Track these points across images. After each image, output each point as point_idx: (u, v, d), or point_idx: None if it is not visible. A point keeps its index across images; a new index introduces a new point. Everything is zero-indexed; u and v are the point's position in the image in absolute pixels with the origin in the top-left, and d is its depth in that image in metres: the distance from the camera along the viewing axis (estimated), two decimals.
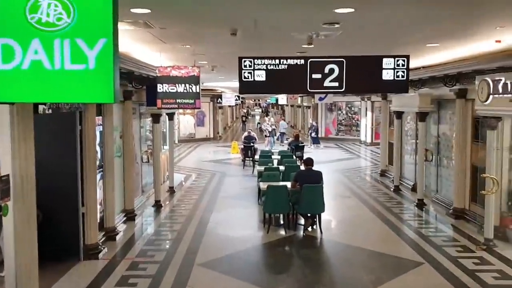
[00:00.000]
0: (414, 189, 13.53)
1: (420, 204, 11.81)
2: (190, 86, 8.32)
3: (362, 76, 5.84)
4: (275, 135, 23.88)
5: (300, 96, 35.61)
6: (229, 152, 23.50)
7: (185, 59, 9.29)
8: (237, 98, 39.31)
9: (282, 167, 12.57)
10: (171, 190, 13.70)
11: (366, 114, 27.51)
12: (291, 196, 9.63)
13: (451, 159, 11.45)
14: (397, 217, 10.89)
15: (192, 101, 8.43)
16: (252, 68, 5.71)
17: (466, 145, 10.46)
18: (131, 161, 10.65)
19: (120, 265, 7.74)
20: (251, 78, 5.72)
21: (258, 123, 43.17)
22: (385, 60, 5.81)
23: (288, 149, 18.63)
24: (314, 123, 26.74)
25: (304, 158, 9.97)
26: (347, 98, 29.57)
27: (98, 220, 8.72)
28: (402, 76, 5.81)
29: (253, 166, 17.46)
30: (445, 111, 11.83)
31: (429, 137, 12.54)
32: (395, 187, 13.80)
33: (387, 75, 5.80)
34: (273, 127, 23.96)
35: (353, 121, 30.44)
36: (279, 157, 15.04)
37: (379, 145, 25.67)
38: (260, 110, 78.79)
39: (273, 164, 13.50)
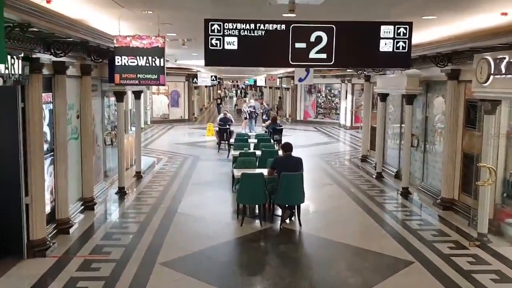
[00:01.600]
0: (397, 176, 12.80)
1: (405, 193, 11.06)
2: (154, 59, 7.23)
3: (356, 46, 4.87)
4: (254, 118, 22.78)
5: (279, 78, 34.61)
6: (204, 135, 22.44)
7: (150, 29, 8.16)
8: (214, 79, 38.04)
9: (258, 152, 11.63)
10: (138, 175, 12.63)
11: (346, 97, 26.71)
12: (268, 184, 8.71)
13: (438, 145, 10.69)
14: (381, 207, 10.10)
15: (156, 76, 7.34)
16: (222, 33, 4.68)
17: (457, 130, 9.67)
18: (90, 143, 9.53)
19: (70, 264, 6.71)
20: (220, 46, 4.69)
21: (235, 104, 42.07)
22: (383, 28, 4.84)
23: (266, 132, 17.67)
24: (266, 105, 25.17)
25: (283, 143, 9.02)
26: (327, 80, 28.69)
27: (48, 211, 7.66)
28: (403, 48, 4.87)
29: (229, 150, 16.45)
30: (434, 93, 11.02)
31: (415, 122, 11.74)
32: (377, 174, 13.03)
33: (386, 46, 4.85)
34: (252, 109, 22.84)
35: (333, 104, 29.63)
36: (255, 140, 14.10)
37: (358, 129, 25.09)
38: (237, 92, 77.38)
39: (249, 149, 12.53)
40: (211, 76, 32.86)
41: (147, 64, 7.26)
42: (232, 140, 15.46)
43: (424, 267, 6.79)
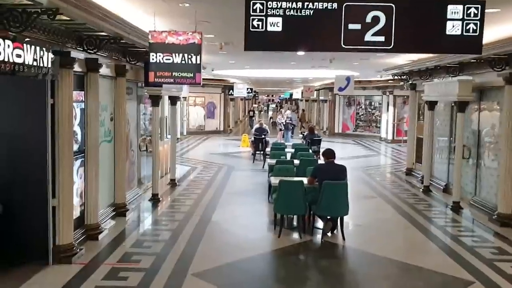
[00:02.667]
0: (446, 190, 11.92)
1: (456, 208, 10.18)
2: (190, 57, 6.81)
3: (418, 29, 4.26)
4: (291, 130, 22.15)
5: (316, 90, 33.96)
6: (239, 146, 22.02)
7: (186, 27, 7.77)
8: (250, 91, 37.80)
9: (296, 161, 11.02)
10: (173, 183, 12.24)
11: (387, 109, 25.79)
12: (308, 194, 8.09)
13: (493, 156, 9.80)
14: (431, 222, 9.29)
15: (191, 74, 6.91)
16: (264, 13, 4.17)
17: None
18: (124, 148, 9.18)
19: (97, 272, 6.28)
20: (262, 27, 4.18)
21: (271, 117, 41.58)
22: (450, 7, 4.20)
23: (303, 142, 17.05)
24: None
25: (324, 149, 8.40)
26: (367, 92, 27.87)
27: (77, 215, 7.31)
28: (474, 31, 4.23)
29: (264, 160, 15.95)
30: (488, 100, 10.16)
31: (466, 132, 10.88)
32: (424, 188, 12.16)
33: (453, 28, 4.23)
34: (289, 120, 22.21)
35: (373, 116, 28.70)
36: (293, 150, 13.49)
37: (401, 143, 24.11)
38: (268, 106, 77.27)
39: (286, 158, 11.93)
40: (247, 89, 32.62)
41: (183, 62, 6.83)
42: (267, 150, 14.94)
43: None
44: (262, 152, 16.57)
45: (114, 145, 8.98)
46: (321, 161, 8.96)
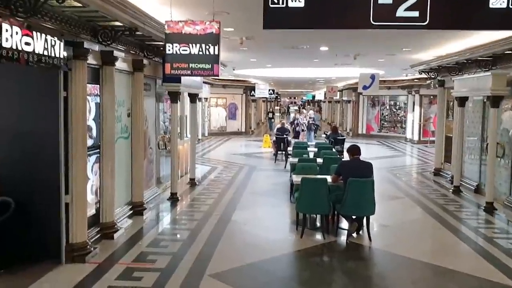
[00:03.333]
0: (478, 190, 11.33)
1: (489, 208, 9.60)
2: (207, 47, 6.50)
3: (457, 2, 3.84)
4: (314, 130, 21.66)
5: (339, 91, 33.39)
6: (260, 146, 21.69)
7: (204, 18, 7.48)
8: (271, 92, 37.46)
9: (320, 160, 10.61)
10: (192, 183, 11.96)
11: (413, 109, 25.06)
12: (332, 193, 7.69)
13: None
14: (463, 223, 8.76)
15: (209, 66, 6.59)
16: None
17: None
18: (141, 145, 8.94)
19: (110, 271, 6.01)
20: (283, 3, 3.82)
21: (293, 119, 41.05)
22: None
23: (326, 142, 16.60)
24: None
25: (349, 145, 7.98)
26: (392, 91, 27.18)
27: (92, 213, 7.08)
28: None
29: (286, 161, 15.57)
30: None
31: (500, 129, 10.28)
32: (454, 188, 11.58)
33: (497, 1, 3.80)
34: (312, 120, 21.71)
35: (398, 117, 27.98)
36: (315, 149, 13.08)
37: (427, 143, 23.38)
38: (295, 108, 76.45)
39: (308, 156, 11.53)
40: (269, 90, 32.30)
41: (200, 53, 6.52)
42: (289, 149, 14.56)
43: None
44: (284, 152, 16.21)
45: (131, 142, 8.75)
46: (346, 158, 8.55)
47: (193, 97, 12.07)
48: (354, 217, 7.58)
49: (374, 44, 11.10)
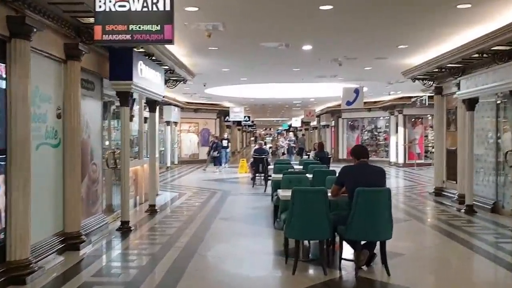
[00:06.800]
0: (495, 209, 9.50)
1: None
2: (155, 1, 4.57)
3: None
4: (294, 153, 19.79)
5: (317, 116, 31.81)
6: (236, 172, 19.63)
7: None
8: (247, 119, 35.74)
9: (309, 175, 8.60)
10: (152, 210, 9.76)
11: (396, 130, 23.51)
12: (332, 210, 5.68)
13: None
14: (499, 248, 6.81)
15: (158, 27, 4.63)
16: None
17: None
18: (77, 157, 6.79)
19: None
20: None
21: (270, 147, 39.22)
22: None
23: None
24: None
25: (353, 146, 6.03)
26: (372, 113, 25.71)
27: None
28: None
29: (265, 184, 13.55)
30: None
31: None
32: (467, 208, 9.69)
33: None
34: (292, 143, 19.87)
35: (379, 140, 26.40)
36: (301, 167, 11.12)
37: (414, 166, 21.74)
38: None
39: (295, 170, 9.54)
40: (244, 116, 30.47)
41: (145, 9, 4.57)
42: (270, 173, 12.58)
43: None
44: (263, 175, 14.19)
45: (63, 151, 6.60)
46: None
47: (152, 105, 10.02)
48: (363, 243, 5.56)
49: (365, 40, 9.41)
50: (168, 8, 4.63)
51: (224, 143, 23.02)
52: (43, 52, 5.95)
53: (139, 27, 4.65)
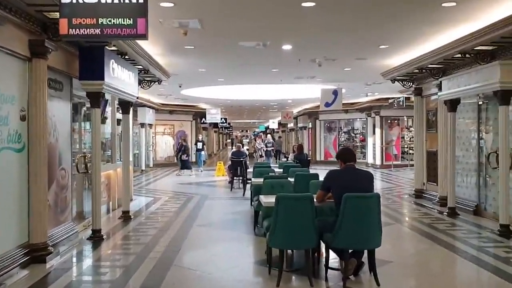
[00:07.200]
0: (477, 212, 9.38)
1: (506, 232, 7.61)
2: None
3: None
4: (271, 156, 19.47)
5: (294, 118, 31.62)
6: (213, 175, 19.20)
7: None
8: (224, 121, 35.25)
9: (291, 179, 8.29)
10: (126, 216, 9.29)
11: (373, 131, 23.49)
12: (317, 217, 5.37)
13: None
14: (486, 253, 6.62)
15: (130, 21, 4.24)
16: None
17: None
18: (43, 162, 6.29)
19: None
20: None
21: (247, 149, 38.89)
22: None
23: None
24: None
25: (339, 149, 5.74)
26: (349, 115, 25.70)
27: None
28: None
29: (244, 187, 13.20)
30: None
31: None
32: (450, 210, 9.55)
33: None
34: (270, 146, 19.54)
35: (356, 141, 26.38)
36: (281, 170, 10.81)
37: (391, 168, 21.74)
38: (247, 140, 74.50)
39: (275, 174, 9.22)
40: (221, 118, 30.04)
41: (116, 0, 4.18)
42: (248, 176, 12.24)
43: None
44: (241, 179, 13.82)
45: (28, 156, 6.11)
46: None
47: (126, 106, 9.54)
48: (350, 251, 5.27)
49: (347, 39, 9.17)
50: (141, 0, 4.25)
51: (199, 145, 22.54)
52: (4, 48, 5.48)
53: (110, 21, 4.24)
